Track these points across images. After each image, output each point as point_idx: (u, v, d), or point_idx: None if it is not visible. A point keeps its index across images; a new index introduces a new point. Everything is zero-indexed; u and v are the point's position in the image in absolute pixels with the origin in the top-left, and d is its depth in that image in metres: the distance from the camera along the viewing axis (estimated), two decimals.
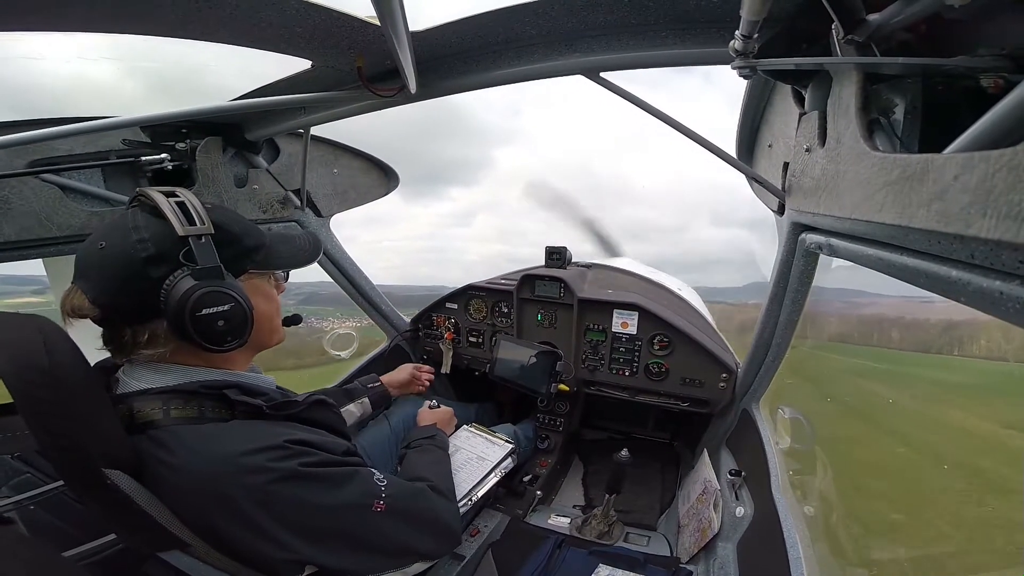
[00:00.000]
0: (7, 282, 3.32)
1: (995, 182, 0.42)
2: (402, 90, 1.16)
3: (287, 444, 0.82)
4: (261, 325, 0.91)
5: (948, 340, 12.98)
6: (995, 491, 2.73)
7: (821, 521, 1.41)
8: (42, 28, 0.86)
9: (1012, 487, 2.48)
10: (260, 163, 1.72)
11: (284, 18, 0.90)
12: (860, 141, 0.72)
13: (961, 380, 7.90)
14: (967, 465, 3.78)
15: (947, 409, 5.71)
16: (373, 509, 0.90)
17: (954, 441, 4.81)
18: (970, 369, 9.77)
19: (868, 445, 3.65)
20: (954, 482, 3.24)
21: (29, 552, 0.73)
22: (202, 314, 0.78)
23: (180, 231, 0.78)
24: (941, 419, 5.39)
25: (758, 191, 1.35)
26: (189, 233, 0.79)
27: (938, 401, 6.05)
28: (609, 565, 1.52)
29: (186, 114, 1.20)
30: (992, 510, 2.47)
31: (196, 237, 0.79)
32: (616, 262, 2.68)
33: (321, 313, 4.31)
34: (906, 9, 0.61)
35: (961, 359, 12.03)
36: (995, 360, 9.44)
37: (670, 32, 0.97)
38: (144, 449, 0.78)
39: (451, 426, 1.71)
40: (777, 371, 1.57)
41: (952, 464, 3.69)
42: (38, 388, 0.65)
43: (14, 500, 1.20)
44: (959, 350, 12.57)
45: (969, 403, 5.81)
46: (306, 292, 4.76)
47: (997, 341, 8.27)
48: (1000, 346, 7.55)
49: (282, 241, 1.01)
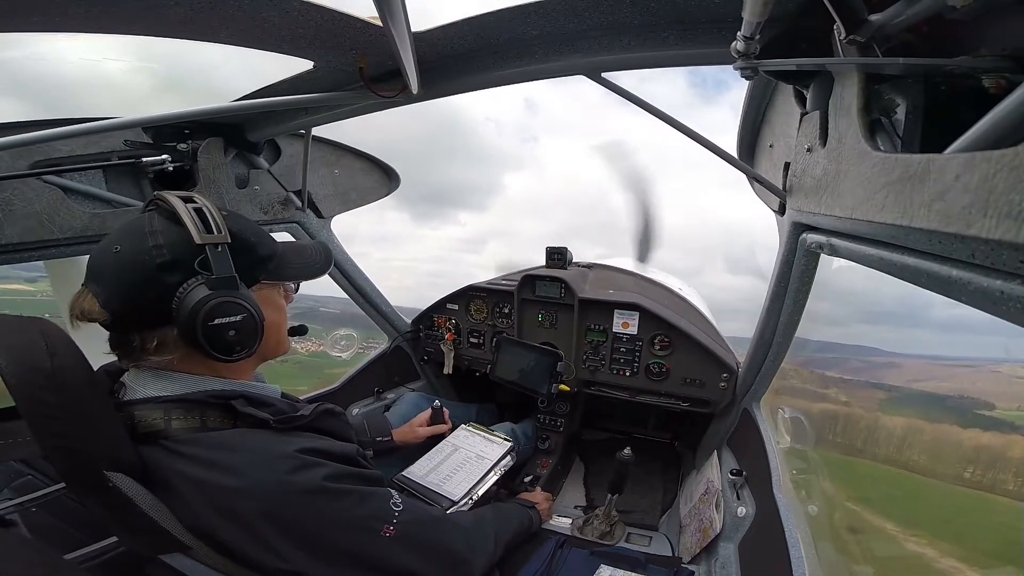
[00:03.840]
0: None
1: (996, 182, 0.42)
2: (404, 90, 1.16)
3: (298, 454, 0.81)
4: (269, 336, 0.90)
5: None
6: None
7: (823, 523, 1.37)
8: (45, 29, 0.86)
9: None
10: (261, 164, 1.73)
11: (286, 19, 0.90)
12: (861, 141, 0.72)
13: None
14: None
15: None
16: (381, 533, 0.88)
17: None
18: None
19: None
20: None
21: (31, 554, 0.73)
22: (214, 324, 0.77)
23: (198, 239, 0.78)
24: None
25: (759, 191, 1.35)
26: (207, 242, 0.78)
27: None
28: (611, 565, 1.52)
29: (188, 115, 1.21)
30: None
31: (213, 246, 0.79)
32: (616, 262, 2.68)
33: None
34: (908, 9, 0.61)
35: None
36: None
37: (672, 32, 0.97)
38: (154, 457, 0.77)
39: (551, 513, 1.82)
40: (777, 371, 1.57)
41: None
42: (40, 390, 0.65)
43: (16, 502, 1.19)
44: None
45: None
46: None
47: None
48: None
49: (294, 252, 1.01)
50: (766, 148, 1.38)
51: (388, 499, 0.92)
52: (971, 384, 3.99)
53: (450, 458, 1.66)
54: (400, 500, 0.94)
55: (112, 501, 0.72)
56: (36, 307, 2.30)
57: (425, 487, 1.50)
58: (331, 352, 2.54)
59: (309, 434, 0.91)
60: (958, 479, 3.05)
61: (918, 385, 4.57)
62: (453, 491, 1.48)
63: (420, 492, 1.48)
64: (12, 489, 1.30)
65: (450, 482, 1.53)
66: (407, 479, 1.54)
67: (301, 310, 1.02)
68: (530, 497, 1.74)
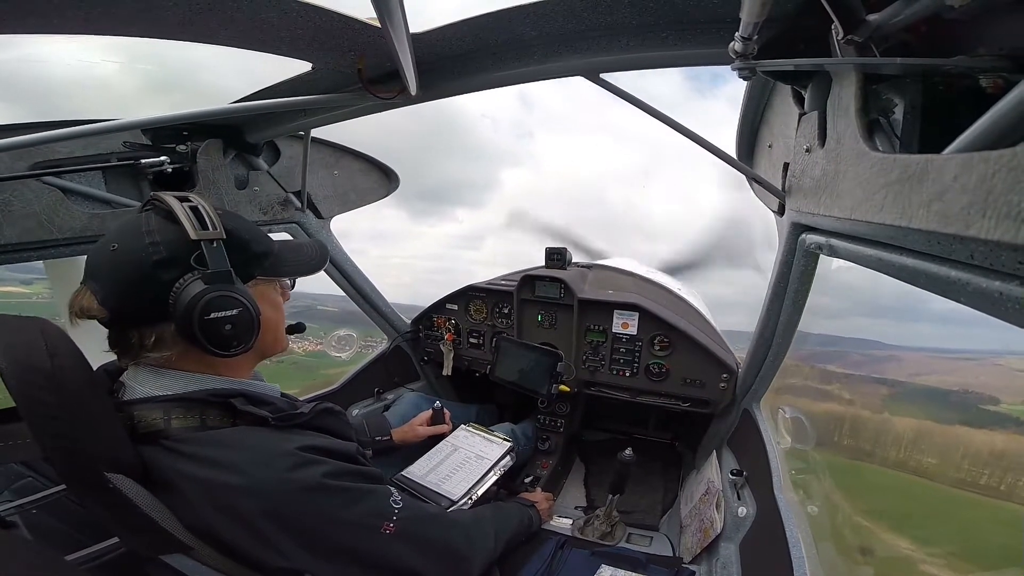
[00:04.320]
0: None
1: (994, 183, 0.42)
2: (402, 92, 1.16)
3: (298, 451, 0.81)
4: (266, 332, 0.91)
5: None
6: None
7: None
8: (43, 30, 0.86)
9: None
10: (261, 165, 1.73)
11: (285, 20, 0.90)
12: (860, 141, 0.72)
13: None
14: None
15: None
16: (380, 530, 0.88)
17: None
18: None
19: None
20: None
21: (32, 556, 0.73)
22: (211, 318, 0.78)
23: (193, 235, 0.78)
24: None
25: (758, 191, 1.35)
26: (201, 237, 0.79)
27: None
28: (611, 566, 1.52)
29: (187, 116, 1.21)
30: None
31: (208, 241, 0.80)
32: (616, 262, 2.68)
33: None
34: (905, 9, 0.61)
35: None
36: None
37: (670, 33, 0.97)
38: (154, 457, 0.78)
39: (551, 513, 1.83)
40: (778, 371, 1.57)
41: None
42: (40, 390, 0.65)
43: (17, 504, 1.19)
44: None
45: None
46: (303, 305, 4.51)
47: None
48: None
49: (290, 249, 1.01)
50: (765, 148, 1.38)
51: (388, 496, 0.93)
52: (974, 378, 3.95)
53: (450, 458, 1.66)
54: (400, 498, 0.95)
55: (112, 502, 0.72)
56: (31, 309, 2.31)
57: (425, 487, 1.50)
58: (330, 352, 2.54)
59: (309, 432, 0.91)
60: (975, 485, 2.88)
61: (920, 379, 4.53)
62: (453, 491, 1.48)
63: (420, 492, 1.48)
64: (13, 491, 1.30)
65: (450, 482, 1.53)
66: (407, 479, 1.54)
67: (298, 308, 1.03)
68: (530, 497, 1.74)
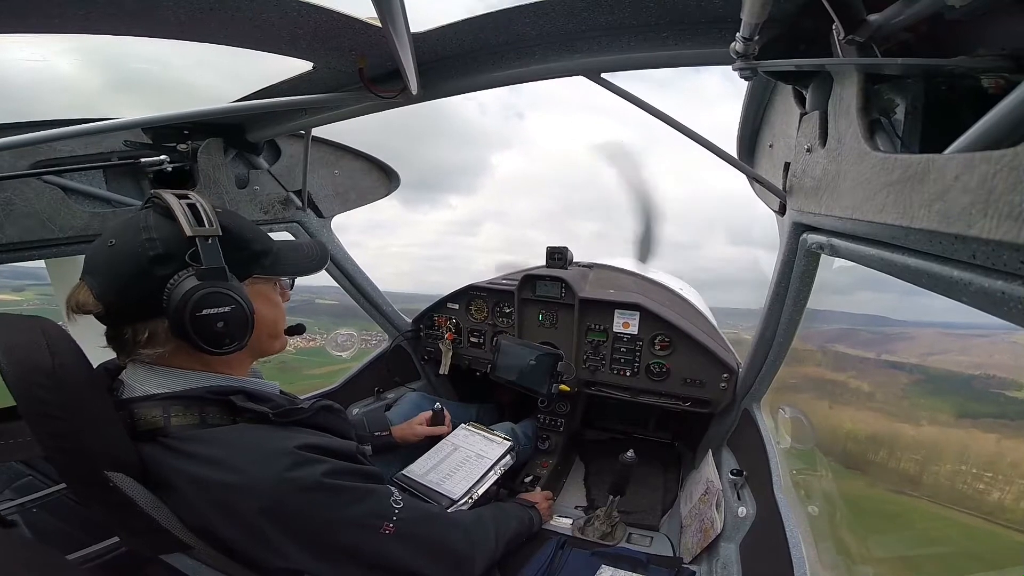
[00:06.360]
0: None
1: (996, 182, 0.42)
2: (403, 91, 1.16)
3: (297, 450, 0.81)
4: (262, 330, 0.91)
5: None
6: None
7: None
8: (43, 30, 0.86)
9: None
10: (261, 164, 1.73)
11: (286, 20, 0.90)
12: (861, 141, 0.72)
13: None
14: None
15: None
16: (380, 531, 0.88)
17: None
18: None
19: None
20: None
21: (32, 555, 0.73)
22: (202, 314, 0.78)
23: (188, 231, 0.79)
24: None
25: (759, 191, 1.35)
26: (197, 234, 0.79)
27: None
28: (612, 566, 1.51)
29: (187, 115, 1.21)
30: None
31: (203, 238, 0.80)
32: (617, 262, 2.68)
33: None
34: (907, 9, 0.61)
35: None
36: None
37: (671, 33, 0.97)
38: (153, 455, 0.78)
39: (551, 513, 1.83)
40: (778, 371, 1.57)
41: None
42: (40, 389, 0.65)
43: (17, 503, 1.20)
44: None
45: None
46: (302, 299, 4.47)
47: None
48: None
49: (290, 248, 1.01)
50: (766, 148, 1.38)
51: (388, 496, 0.93)
52: (989, 358, 3.75)
53: (450, 457, 1.66)
54: (400, 498, 0.95)
55: (113, 501, 0.72)
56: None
57: (425, 486, 1.50)
58: (331, 352, 2.53)
59: (308, 430, 0.91)
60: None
61: (935, 360, 4.33)
62: (453, 490, 1.49)
63: (420, 491, 1.48)
64: (13, 490, 1.30)
65: (450, 481, 1.53)
66: (407, 478, 1.54)
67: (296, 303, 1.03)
68: (530, 497, 1.74)
